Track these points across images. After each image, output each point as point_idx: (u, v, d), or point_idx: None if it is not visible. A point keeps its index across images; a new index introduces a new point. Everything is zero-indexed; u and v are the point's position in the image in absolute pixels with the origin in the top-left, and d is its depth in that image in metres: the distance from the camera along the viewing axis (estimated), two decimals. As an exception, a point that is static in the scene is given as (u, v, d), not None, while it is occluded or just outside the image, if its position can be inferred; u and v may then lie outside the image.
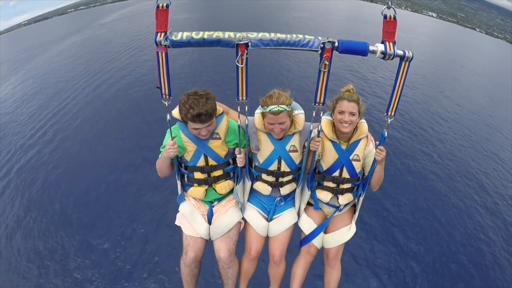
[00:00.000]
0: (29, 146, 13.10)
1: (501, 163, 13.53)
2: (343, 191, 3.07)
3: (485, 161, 13.34)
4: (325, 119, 2.97)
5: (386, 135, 2.64)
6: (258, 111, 2.90)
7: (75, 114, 15.39)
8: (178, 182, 3.11)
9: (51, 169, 11.35)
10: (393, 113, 2.54)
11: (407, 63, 2.33)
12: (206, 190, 3.06)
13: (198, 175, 2.98)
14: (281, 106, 2.63)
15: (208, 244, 3.11)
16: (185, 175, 3.05)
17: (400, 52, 2.28)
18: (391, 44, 2.28)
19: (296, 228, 3.22)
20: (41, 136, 13.74)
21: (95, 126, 14.07)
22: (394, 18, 2.27)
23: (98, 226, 8.87)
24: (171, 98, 2.51)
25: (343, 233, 3.15)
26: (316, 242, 3.14)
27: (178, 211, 3.18)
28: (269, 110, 2.65)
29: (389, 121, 2.57)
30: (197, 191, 3.06)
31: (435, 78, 23.30)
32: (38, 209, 9.62)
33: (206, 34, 2.21)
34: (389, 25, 2.28)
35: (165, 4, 2.19)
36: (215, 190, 3.08)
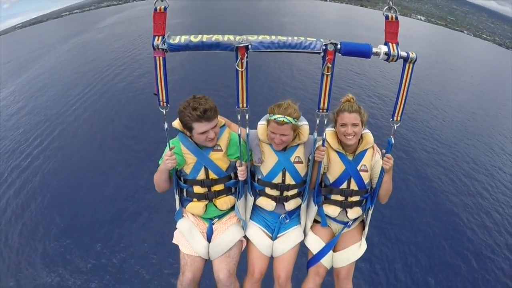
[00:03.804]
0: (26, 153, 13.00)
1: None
2: (351, 205, 2.92)
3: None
4: (330, 130, 2.88)
5: (393, 142, 2.56)
6: (261, 122, 2.81)
7: (75, 124, 15.21)
8: (177, 197, 2.97)
9: (47, 183, 11.07)
10: (399, 118, 2.48)
11: (411, 65, 2.29)
12: (206, 205, 2.91)
13: (197, 189, 2.84)
14: (287, 117, 2.55)
15: (208, 264, 2.94)
16: (184, 190, 2.90)
17: (403, 54, 2.24)
18: (394, 45, 2.24)
19: (302, 247, 3.05)
20: (38, 145, 13.56)
21: (96, 136, 13.94)
22: (396, 18, 2.23)
23: (91, 242, 8.65)
24: (168, 105, 2.43)
25: (354, 250, 2.97)
26: (325, 261, 2.94)
27: (176, 229, 3.03)
28: (274, 119, 2.57)
29: (395, 126, 2.51)
30: (196, 206, 2.91)
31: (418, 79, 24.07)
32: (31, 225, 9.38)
33: (205, 37, 2.16)
34: (391, 25, 2.24)
35: (162, 7, 2.15)
36: (216, 206, 2.93)
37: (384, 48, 2.23)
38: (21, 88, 21.82)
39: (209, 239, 2.92)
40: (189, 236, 2.89)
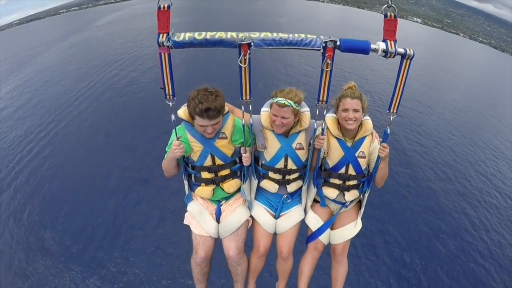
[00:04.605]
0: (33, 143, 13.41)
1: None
2: (349, 188, 3.10)
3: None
4: (330, 116, 3.00)
5: (389, 132, 2.70)
6: (264, 109, 2.96)
7: (79, 116, 15.63)
8: (185, 182, 3.12)
9: (55, 176, 11.42)
10: (395, 111, 2.60)
11: (408, 61, 2.38)
12: (213, 189, 3.06)
13: (205, 174, 2.99)
14: (288, 101, 2.68)
15: (217, 242, 3.15)
16: (192, 175, 3.05)
17: (401, 50, 2.33)
18: (392, 42, 2.33)
19: (302, 225, 3.28)
20: (43, 138, 13.90)
21: (100, 128, 14.37)
22: (395, 16, 2.34)
23: (102, 228, 9.04)
24: (175, 98, 2.53)
25: (350, 228, 3.20)
26: (323, 238, 3.19)
27: (186, 211, 3.21)
28: (276, 101, 2.70)
29: (391, 118, 2.63)
30: (204, 190, 3.06)
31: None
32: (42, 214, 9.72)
33: (208, 35, 2.23)
34: (390, 23, 2.34)
35: (166, 5, 2.20)
36: (223, 189, 3.08)
37: (382, 45, 2.33)
38: (24, 83, 22.07)
39: (218, 220, 3.11)
40: (199, 218, 3.08)
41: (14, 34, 68.50)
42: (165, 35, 2.24)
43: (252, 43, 2.25)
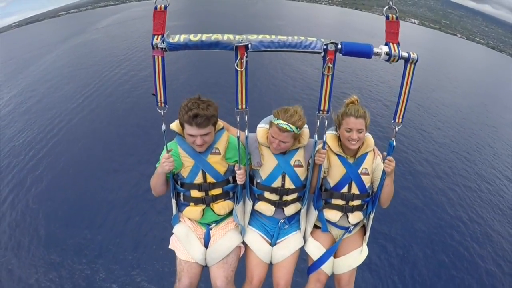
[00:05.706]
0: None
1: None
2: (352, 209, 2.87)
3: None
4: (330, 133, 2.83)
5: (394, 144, 2.54)
6: (261, 125, 2.78)
7: (75, 123, 15.61)
8: (173, 201, 2.92)
9: (42, 185, 11.26)
10: (400, 120, 2.45)
11: (412, 65, 2.27)
12: (203, 210, 2.85)
13: (195, 193, 2.78)
14: (290, 125, 2.50)
15: (205, 271, 2.88)
16: (181, 194, 2.84)
17: (405, 54, 2.23)
18: (395, 45, 2.22)
19: (302, 253, 2.99)
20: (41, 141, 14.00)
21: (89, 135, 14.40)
22: (397, 18, 2.23)
23: (83, 246, 8.76)
24: (167, 106, 2.40)
25: (355, 256, 2.93)
26: (326, 268, 2.89)
27: (172, 233, 2.97)
28: (277, 124, 2.51)
29: (397, 128, 2.48)
30: (193, 211, 2.85)
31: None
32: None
33: (204, 37, 2.15)
34: (392, 25, 2.23)
35: (163, 6, 2.14)
36: (213, 211, 2.86)
37: (385, 48, 2.22)
38: (31, 84, 22.39)
39: (206, 245, 2.87)
40: (186, 241, 2.84)
41: (15, 36, 68.68)
42: (159, 36, 2.16)
43: (249, 45, 2.14)
